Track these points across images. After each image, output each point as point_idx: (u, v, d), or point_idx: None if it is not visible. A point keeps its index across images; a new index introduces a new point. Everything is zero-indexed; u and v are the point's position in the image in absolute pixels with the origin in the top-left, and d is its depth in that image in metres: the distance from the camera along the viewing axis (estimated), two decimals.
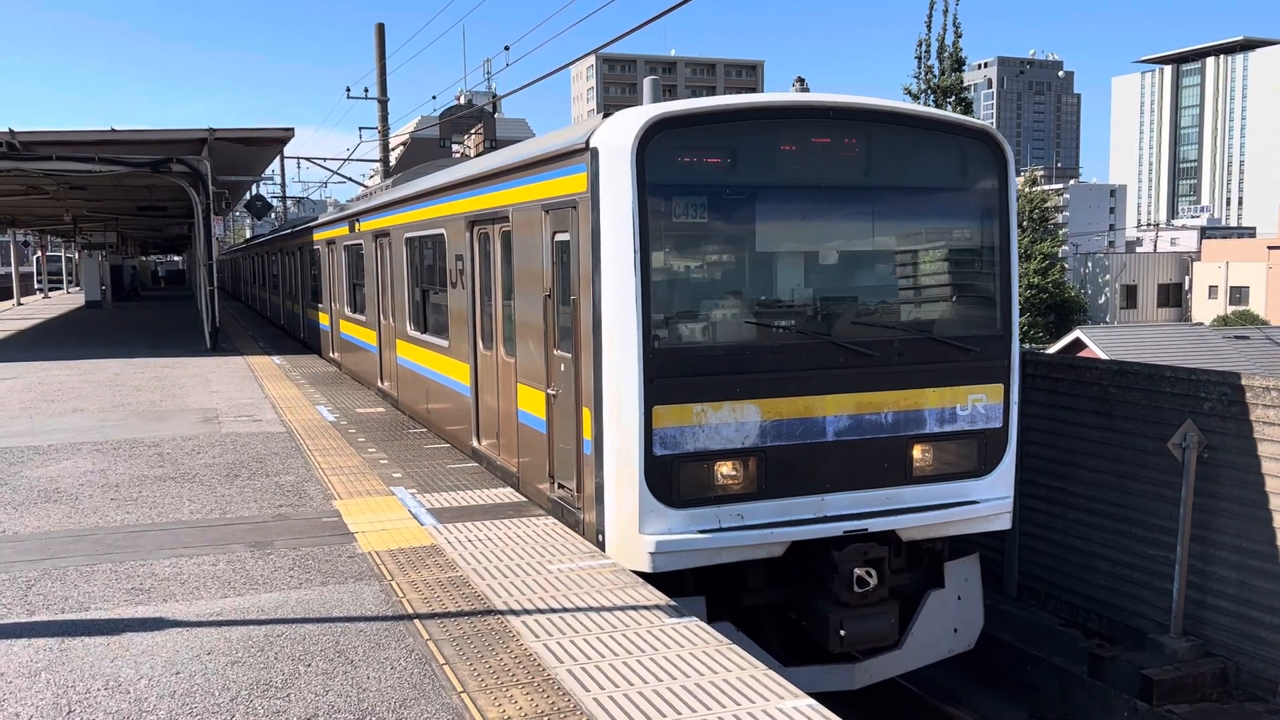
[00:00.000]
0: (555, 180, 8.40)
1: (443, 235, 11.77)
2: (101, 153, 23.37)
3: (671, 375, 7.45)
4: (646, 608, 6.42)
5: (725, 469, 7.62)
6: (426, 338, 13.08)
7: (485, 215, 10.18)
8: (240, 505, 9.28)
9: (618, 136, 7.51)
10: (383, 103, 34.09)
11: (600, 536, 7.82)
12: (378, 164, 36.51)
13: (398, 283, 14.68)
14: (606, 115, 7.94)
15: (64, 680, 5.55)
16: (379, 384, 16.53)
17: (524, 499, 9.32)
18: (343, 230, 19.50)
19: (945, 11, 16.65)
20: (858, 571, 7.79)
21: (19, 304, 51.58)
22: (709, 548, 7.54)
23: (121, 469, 10.89)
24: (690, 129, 7.61)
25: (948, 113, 8.40)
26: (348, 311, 19.41)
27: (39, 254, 64.29)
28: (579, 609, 6.42)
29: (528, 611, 6.39)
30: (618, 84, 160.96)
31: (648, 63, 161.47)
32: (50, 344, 27.19)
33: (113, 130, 22.37)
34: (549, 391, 8.68)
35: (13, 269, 53.37)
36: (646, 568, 7.41)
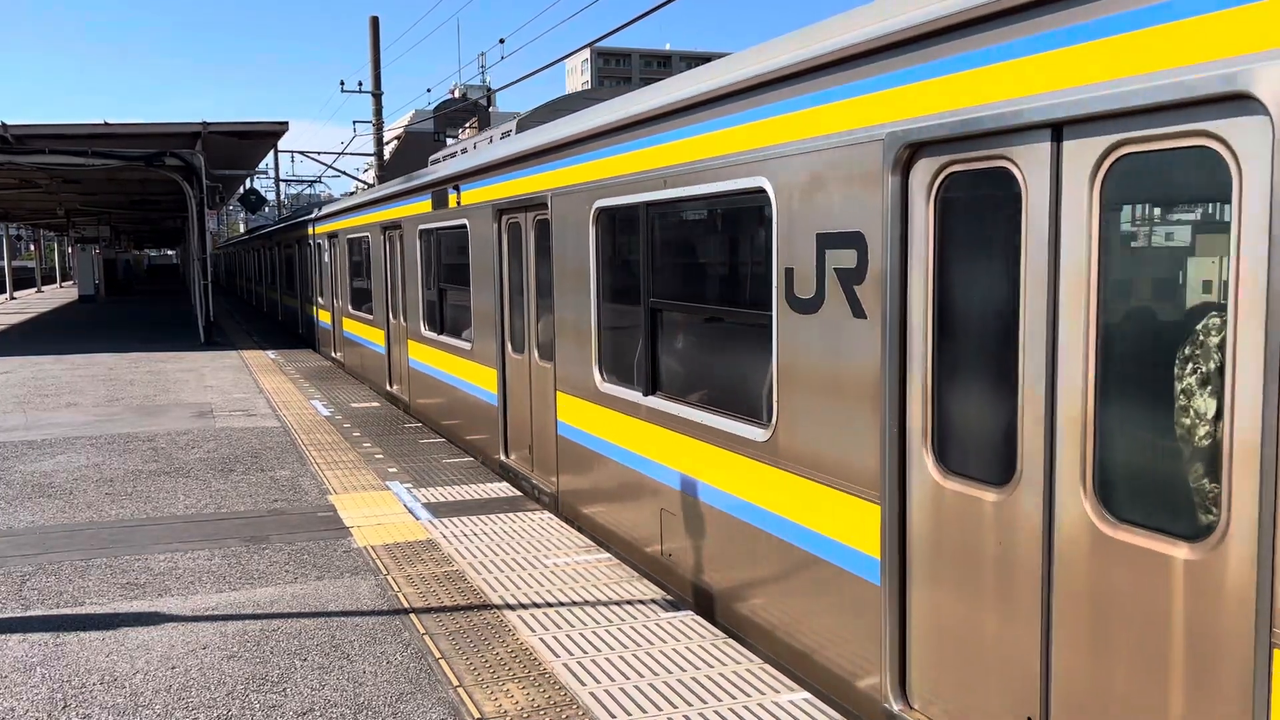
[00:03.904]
0: None
1: (764, 190, 5.46)
2: (95, 146, 23.36)
3: None
4: (642, 602, 6.43)
5: None
6: (677, 410, 6.61)
7: (986, 129, 4.01)
8: (235, 500, 9.27)
9: None
10: (377, 96, 34.05)
11: None
12: (372, 157, 36.46)
13: (573, 290, 8.23)
14: None
15: (59, 675, 5.54)
16: (502, 455, 10.29)
17: (519, 494, 9.30)
18: (416, 208, 13.11)
19: None
20: None
21: (11, 298, 51.49)
22: None
23: (116, 464, 10.88)
24: None
25: None
26: (426, 331, 13.13)
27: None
28: (575, 603, 6.43)
29: (524, 606, 6.40)
30: (613, 78, 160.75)
31: (643, 56, 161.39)
32: (44, 338, 27.14)
33: (106, 124, 22.32)
34: None
35: (5, 262, 53.25)
36: None
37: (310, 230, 23.48)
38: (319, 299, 22.74)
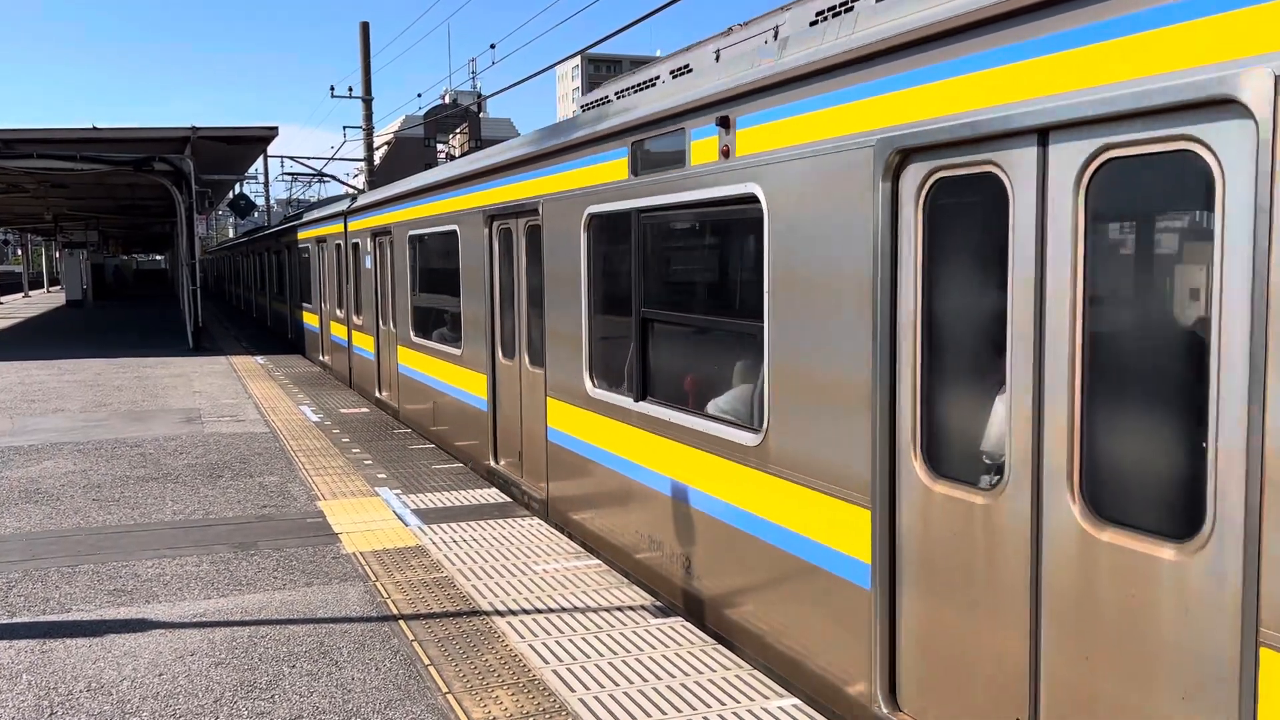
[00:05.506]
0: None
1: None
2: (83, 151, 23.29)
3: None
4: (632, 608, 6.42)
5: None
6: None
7: None
8: (223, 506, 9.24)
9: None
10: (367, 102, 34.01)
11: None
12: (362, 162, 36.43)
13: None
14: None
15: (46, 682, 5.51)
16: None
17: (509, 500, 9.28)
18: (574, 177, 7.74)
19: None
20: None
21: None
22: None
23: (103, 469, 10.83)
24: None
25: None
26: (597, 389, 7.64)
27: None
28: (564, 609, 6.42)
29: (513, 612, 6.39)
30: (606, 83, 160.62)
31: (633, 63, 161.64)
32: (30, 343, 27.01)
33: (95, 128, 22.27)
34: None
35: None
36: None
37: (341, 227, 17.87)
38: (354, 318, 17.12)
